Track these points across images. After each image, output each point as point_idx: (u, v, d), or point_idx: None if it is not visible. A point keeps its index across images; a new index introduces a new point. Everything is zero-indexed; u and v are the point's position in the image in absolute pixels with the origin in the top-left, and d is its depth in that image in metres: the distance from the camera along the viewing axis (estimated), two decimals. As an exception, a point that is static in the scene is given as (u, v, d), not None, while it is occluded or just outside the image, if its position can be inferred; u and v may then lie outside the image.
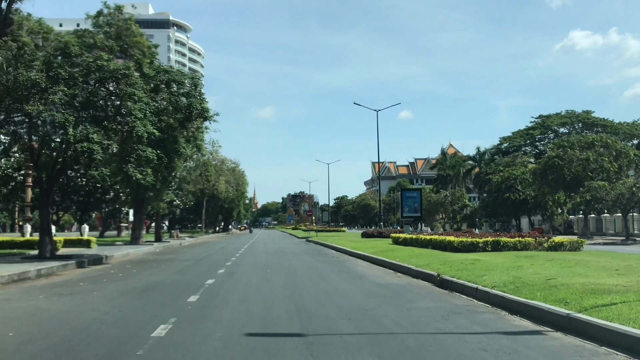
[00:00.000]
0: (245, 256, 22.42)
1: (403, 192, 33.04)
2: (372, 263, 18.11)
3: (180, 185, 38.49)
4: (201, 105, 22.47)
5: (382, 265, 16.89)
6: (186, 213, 74.95)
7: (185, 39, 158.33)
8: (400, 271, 14.62)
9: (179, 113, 21.89)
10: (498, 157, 68.27)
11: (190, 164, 36.98)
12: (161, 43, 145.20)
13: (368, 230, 39.49)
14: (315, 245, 35.34)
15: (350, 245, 27.30)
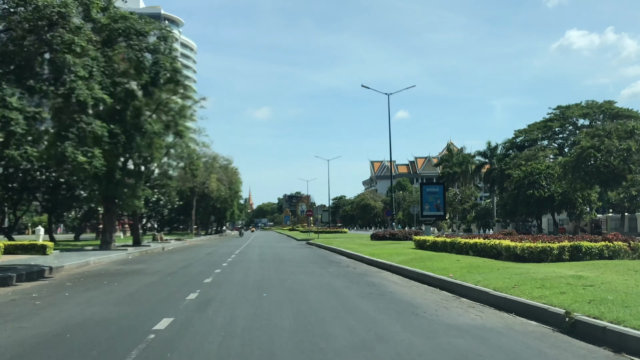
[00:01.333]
0: (234, 266, 17.36)
1: (423, 187, 28.07)
2: (408, 278, 13.08)
3: (162, 181, 33.41)
4: (172, 65, 17.39)
5: (426, 282, 11.87)
6: (176, 214, 69.83)
7: (177, 34, 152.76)
8: (465, 295, 9.62)
9: (141, 75, 16.77)
10: (512, 151, 63.31)
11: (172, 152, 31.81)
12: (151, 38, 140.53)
13: (378, 232, 34.52)
14: (319, 249, 30.33)
15: (364, 250, 22.30)
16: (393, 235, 32.93)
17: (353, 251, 22.38)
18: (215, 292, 10.46)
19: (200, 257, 23.30)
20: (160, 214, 62.45)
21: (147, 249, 29.06)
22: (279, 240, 52.14)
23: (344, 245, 27.38)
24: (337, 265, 17.88)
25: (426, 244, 20.95)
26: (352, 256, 21.30)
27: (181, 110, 27.80)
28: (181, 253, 26.61)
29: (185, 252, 27.95)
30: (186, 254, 25.89)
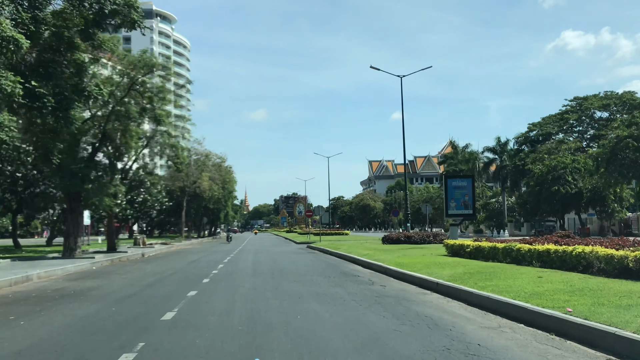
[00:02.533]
0: (217, 284, 12.85)
1: (448, 181, 23.63)
2: (478, 307, 8.56)
3: (140, 176, 28.89)
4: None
5: (521, 319, 7.34)
6: (166, 215, 65.17)
7: (169, 31, 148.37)
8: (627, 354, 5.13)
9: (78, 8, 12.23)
10: (526, 146, 58.96)
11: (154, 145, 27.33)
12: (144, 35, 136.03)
13: (391, 234, 30.07)
14: (324, 255, 25.88)
15: (384, 257, 17.86)
16: (409, 238, 28.47)
17: (370, 259, 17.92)
18: (170, 349, 5.94)
19: (180, 267, 18.76)
20: (149, 216, 57.79)
21: (121, 256, 24.56)
22: (276, 243, 47.58)
23: (355, 251, 22.92)
24: (357, 280, 13.39)
25: (465, 249, 16.52)
26: (371, 266, 16.82)
27: (160, 92, 23.31)
28: (159, 262, 22.06)
29: (166, 260, 23.42)
30: (165, 263, 21.35)
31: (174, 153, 28.01)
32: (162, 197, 56.40)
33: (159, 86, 23.24)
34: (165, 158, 28.07)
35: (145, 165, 27.79)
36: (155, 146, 27.72)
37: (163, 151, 27.69)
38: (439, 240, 28.64)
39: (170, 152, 27.77)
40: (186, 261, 21.86)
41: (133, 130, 23.17)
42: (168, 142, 27.12)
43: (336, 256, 23.67)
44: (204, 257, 24.75)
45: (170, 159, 28.08)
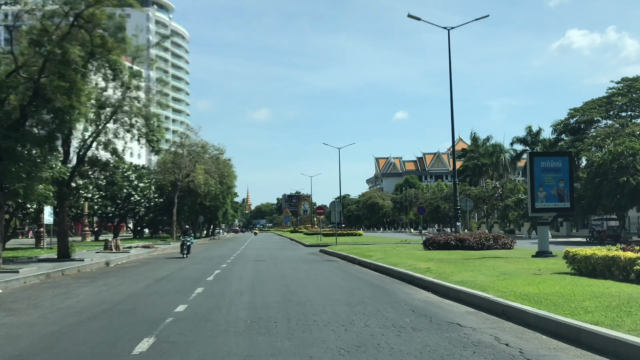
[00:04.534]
0: (175, 349, 5.70)
1: (535, 161, 16.45)
2: None
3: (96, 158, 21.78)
4: None
5: None
6: (157, 213, 58.11)
7: (167, 20, 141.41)
8: None
9: None
10: (566, 135, 51.69)
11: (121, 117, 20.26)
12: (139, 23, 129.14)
13: (435, 237, 23.02)
14: (351, 265, 18.81)
15: (473, 278, 10.75)
16: (461, 241, 21.36)
17: (450, 282, 10.76)
18: None
19: (136, 291, 11.64)
20: (136, 214, 50.71)
21: (70, 267, 17.58)
22: (281, 246, 40.44)
23: (399, 262, 15.81)
24: (464, 337, 6.25)
25: (592, 263, 9.39)
26: (461, 296, 9.62)
27: (118, 31, 16.22)
28: (113, 279, 14.94)
29: (127, 275, 16.29)
30: (122, 281, 14.21)
31: (148, 128, 20.88)
32: (152, 192, 49.37)
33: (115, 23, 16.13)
34: (136, 134, 20.88)
35: (108, 142, 20.58)
36: (122, 117, 20.61)
37: (132, 124, 20.54)
38: (503, 244, 21.61)
39: (142, 126, 20.64)
40: (152, 278, 14.73)
41: (82, 89, 16.05)
42: (137, 111, 20.00)
43: (371, 268, 16.57)
44: (182, 269, 17.64)
45: (142, 135, 20.92)
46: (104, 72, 18.69)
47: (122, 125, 20.91)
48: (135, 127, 20.78)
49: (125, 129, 20.80)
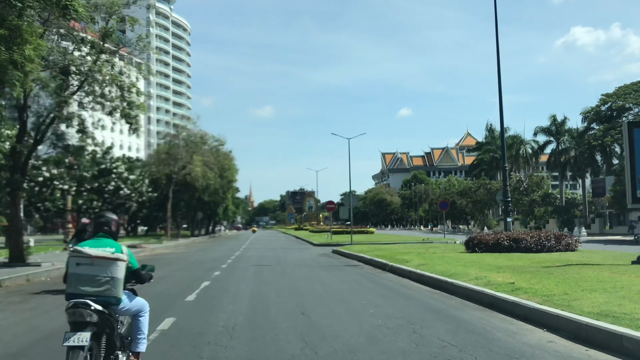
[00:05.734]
0: None
1: (635, 132, 12.05)
2: None
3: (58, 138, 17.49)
4: None
5: None
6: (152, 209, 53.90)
7: (168, 11, 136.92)
8: None
9: None
10: (597, 124, 47.17)
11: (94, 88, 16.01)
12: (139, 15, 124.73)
13: (482, 236, 18.58)
14: (375, 271, 14.57)
15: (608, 302, 6.40)
16: (517, 241, 17.02)
17: (593, 318, 6.45)
18: None
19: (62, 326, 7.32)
20: (127, 210, 46.47)
21: (15, 275, 13.52)
22: (287, 245, 36.12)
23: (463, 273, 11.47)
24: None
25: None
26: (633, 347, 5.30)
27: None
28: (60, 297, 10.68)
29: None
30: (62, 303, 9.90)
31: (124, 100, 16.57)
32: (144, 185, 45.17)
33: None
34: (109, 108, 16.56)
35: (70, 115, 16.25)
36: (92, 87, 16.32)
37: (103, 94, 16.22)
38: (566, 245, 17.27)
39: (116, 97, 16.33)
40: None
41: (28, 40, 11.81)
42: (111, 78, 15.70)
43: (413, 279, 12.24)
44: (161, 279, 13.33)
45: (116, 109, 16.61)
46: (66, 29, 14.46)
47: (92, 95, 16.58)
48: (107, 99, 16.43)
49: (96, 100, 16.47)
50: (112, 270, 3.97)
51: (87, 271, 3.94)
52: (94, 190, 38.17)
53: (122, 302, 4.08)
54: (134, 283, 4.44)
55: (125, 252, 4.12)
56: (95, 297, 3.90)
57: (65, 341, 3.74)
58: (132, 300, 4.32)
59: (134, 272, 4.31)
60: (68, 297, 3.96)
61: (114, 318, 4.08)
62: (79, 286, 3.93)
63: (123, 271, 4.05)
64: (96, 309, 3.87)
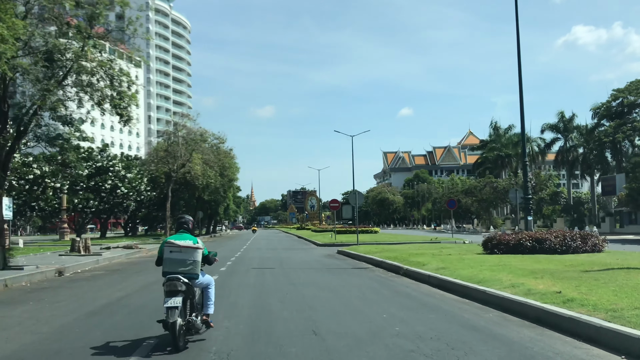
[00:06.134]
0: None
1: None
2: None
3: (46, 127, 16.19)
4: None
5: None
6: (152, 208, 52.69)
7: (167, 9, 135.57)
8: None
9: None
10: (607, 120, 45.79)
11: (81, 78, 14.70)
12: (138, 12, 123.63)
13: (502, 236, 17.20)
14: (388, 274, 13.30)
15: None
16: (540, 242, 15.70)
17: None
18: None
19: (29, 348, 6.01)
20: (125, 209, 45.21)
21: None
22: (290, 245, 34.78)
23: (491, 278, 10.16)
24: None
25: None
26: None
27: None
28: (36, 306, 9.36)
29: (66, 296, 10.76)
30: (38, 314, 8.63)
31: (114, 89, 15.25)
32: (143, 184, 43.87)
33: None
34: (97, 97, 15.23)
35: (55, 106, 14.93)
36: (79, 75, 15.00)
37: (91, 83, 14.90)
38: (593, 245, 15.99)
39: (105, 86, 15.01)
40: (87, 308, 9.11)
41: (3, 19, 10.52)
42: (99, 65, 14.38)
43: (433, 284, 10.96)
44: (148, 286, 12.02)
45: (105, 99, 15.28)
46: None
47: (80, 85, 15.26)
48: (95, 88, 15.10)
49: (84, 90, 15.14)
50: (194, 256, 5.80)
51: (177, 256, 5.76)
52: (90, 188, 36.85)
53: (200, 278, 5.95)
54: (203, 264, 6.08)
55: (200, 243, 5.91)
56: (183, 274, 5.70)
57: (165, 303, 5.52)
58: (204, 276, 6.10)
59: (205, 257, 6.08)
60: (164, 274, 5.78)
61: (194, 289, 5.85)
62: (172, 267, 5.76)
63: (200, 256, 5.86)
64: (184, 281, 5.64)
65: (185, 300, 5.69)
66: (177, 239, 5.87)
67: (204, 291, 6.12)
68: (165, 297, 5.56)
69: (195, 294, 5.90)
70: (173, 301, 5.49)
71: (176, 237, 5.94)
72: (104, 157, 39.15)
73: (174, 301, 5.49)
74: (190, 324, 5.73)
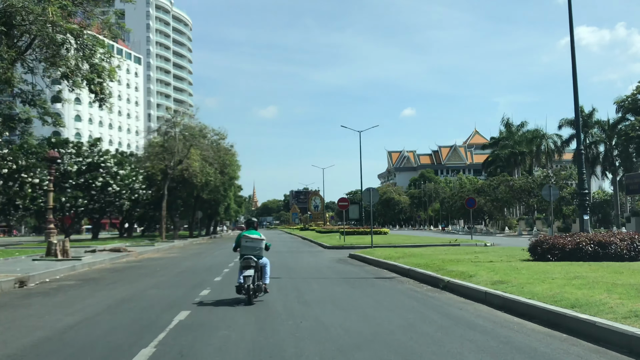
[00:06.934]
0: None
1: None
2: None
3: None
4: None
5: None
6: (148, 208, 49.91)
7: (168, 5, 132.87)
8: None
9: None
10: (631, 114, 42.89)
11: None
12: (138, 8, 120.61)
13: (550, 238, 14.25)
14: (423, 287, 10.48)
15: None
16: (602, 246, 12.88)
17: None
18: None
19: None
20: (119, 208, 42.44)
21: None
22: (295, 248, 31.90)
23: (622, 306, 7.33)
24: None
25: None
26: None
27: None
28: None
29: (11, 319, 7.95)
30: None
31: (86, 62, 12.48)
32: (137, 182, 41.15)
33: None
34: (64, 69, 12.48)
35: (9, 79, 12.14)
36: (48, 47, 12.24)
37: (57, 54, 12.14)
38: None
39: (75, 57, 12.26)
40: (23, 340, 6.31)
41: None
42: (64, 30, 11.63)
43: (506, 310, 8.17)
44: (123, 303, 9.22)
45: (73, 73, 12.51)
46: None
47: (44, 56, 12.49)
48: (63, 60, 12.33)
49: (49, 61, 12.38)
50: (260, 245, 9.08)
51: (250, 244, 9.00)
52: (79, 186, 34.14)
53: (262, 259, 9.13)
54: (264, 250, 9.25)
55: (263, 237, 9.20)
56: (253, 256, 8.91)
57: (241, 274, 8.72)
58: (264, 259, 9.21)
59: (266, 246, 9.29)
60: (241, 257, 8.99)
61: (259, 265, 9.00)
62: (247, 251, 8.96)
63: (264, 245, 9.16)
64: (254, 260, 8.85)
65: (254, 272, 8.70)
66: (250, 233, 9.04)
67: (262, 268, 9.03)
68: (242, 270, 8.73)
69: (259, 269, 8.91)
70: (248, 272, 8.64)
71: (249, 232, 9.10)
72: (94, 152, 36.40)
73: (249, 272, 8.64)
74: (258, 287, 8.79)
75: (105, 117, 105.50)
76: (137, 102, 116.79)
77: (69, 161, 33.59)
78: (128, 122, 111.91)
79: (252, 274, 8.60)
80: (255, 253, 8.88)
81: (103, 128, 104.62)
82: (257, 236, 9.03)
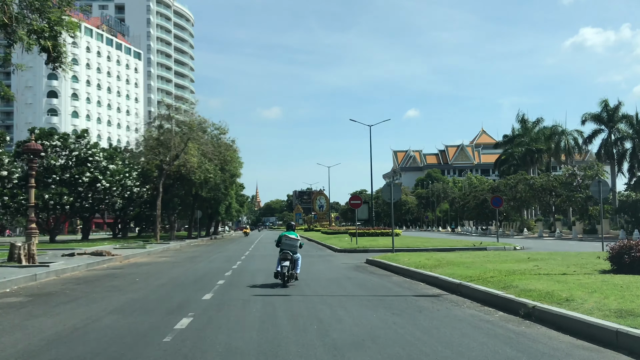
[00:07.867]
0: None
1: None
2: None
3: None
4: None
5: None
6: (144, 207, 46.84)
7: (170, 0, 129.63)
8: None
9: None
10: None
11: None
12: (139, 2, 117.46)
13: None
14: (497, 318, 7.24)
15: None
16: None
17: None
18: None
19: None
20: (111, 207, 39.28)
21: None
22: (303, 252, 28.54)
23: None
24: None
25: None
26: None
27: None
28: None
29: None
30: None
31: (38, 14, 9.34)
32: (131, 178, 38.08)
33: None
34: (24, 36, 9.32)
35: None
36: None
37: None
38: None
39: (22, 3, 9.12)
40: None
41: None
42: None
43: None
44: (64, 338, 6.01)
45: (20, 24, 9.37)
46: None
47: None
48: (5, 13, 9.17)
49: None
50: (296, 243, 11.86)
51: (289, 242, 11.80)
52: (64, 182, 31.03)
53: (297, 254, 11.85)
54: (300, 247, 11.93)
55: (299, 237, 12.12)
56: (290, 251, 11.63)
57: (279, 264, 11.50)
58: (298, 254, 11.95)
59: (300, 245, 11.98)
60: (281, 251, 11.66)
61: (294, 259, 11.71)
62: (286, 247, 11.69)
63: (299, 244, 11.91)
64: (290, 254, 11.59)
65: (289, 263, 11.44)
66: (289, 233, 11.94)
67: (295, 261, 11.75)
68: (280, 260, 11.44)
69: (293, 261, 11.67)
70: (285, 263, 11.36)
71: (288, 232, 12.03)
72: (82, 144, 33.27)
73: (285, 263, 11.36)
74: (291, 275, 11.60)
75: (104, 114, 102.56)
76: (137, 99, 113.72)
77: (53, 155, 30.48)
78: (127, 119, 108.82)
79: (288, 264, 11.35)
80: (292, 249, 11.58)
81: (101, 125, 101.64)
82: (294, 236, 11.87)
